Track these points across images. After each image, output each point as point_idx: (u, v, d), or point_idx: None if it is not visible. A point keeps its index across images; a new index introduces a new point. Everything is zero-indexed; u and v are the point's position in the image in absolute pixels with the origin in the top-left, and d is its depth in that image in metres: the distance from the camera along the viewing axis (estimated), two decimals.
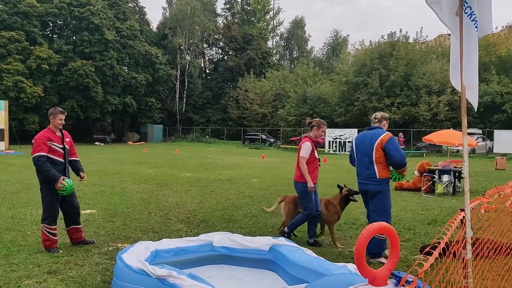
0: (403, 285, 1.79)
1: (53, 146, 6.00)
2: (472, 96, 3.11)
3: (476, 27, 3.00)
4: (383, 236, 5.74)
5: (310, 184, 6.55)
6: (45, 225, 5.99)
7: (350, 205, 10.27)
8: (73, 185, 6.12)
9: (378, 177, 5.82)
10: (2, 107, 32.14)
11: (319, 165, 6.91)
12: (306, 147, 6.70)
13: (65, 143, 6.18)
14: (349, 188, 6.98)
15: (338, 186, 7.20)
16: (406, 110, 36.73)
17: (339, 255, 6.09)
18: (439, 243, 2.12)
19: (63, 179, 5.97)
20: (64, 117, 6.21)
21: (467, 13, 2.98)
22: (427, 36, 46.36)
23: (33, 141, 6.03)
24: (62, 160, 6.09)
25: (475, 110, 3.73)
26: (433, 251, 2.00)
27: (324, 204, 6.93)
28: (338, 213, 6.92)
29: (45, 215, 6.05)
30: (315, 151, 6.77)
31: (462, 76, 3.00)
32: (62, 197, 6.14)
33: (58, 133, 6.16)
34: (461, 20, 2.94)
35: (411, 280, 1.66)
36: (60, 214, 6.25)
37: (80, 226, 6.44)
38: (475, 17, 2.98)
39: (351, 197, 6.89)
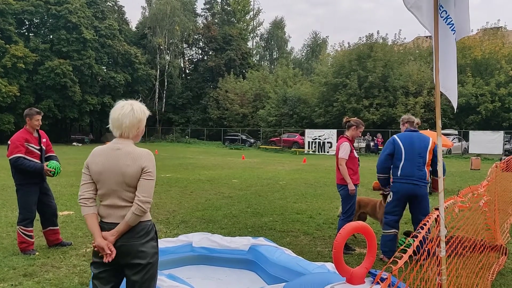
0: (378, 282, 1.82)
1: (30, 148, 5.92)
2: (451, 97, 3.18)
3: (452, 30, 3.08)
4: (392, 231, 5.88)
5: (351, 186, 6.19)
6: (21, 227, 5.90)
7: (329, 205, 10.38)
8: (59, 165, 6.13)
9: (427, 179, 5.85)
10: None
11: (359, 165, 6.57)
12: (344, 148, 6.34)
13: (42, 144, 6.10)
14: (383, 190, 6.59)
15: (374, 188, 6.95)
16: (384, 111, 37.16)
17: (318, 254, 6.14)
18: (413, 241, 2.17)
19: (46, 165, 5.98)
20: (40, 118, 6.12)
21: (442, 16, 3.06)
22: (405, 38, 47.17)
23: (9, 142, 5.92)
24: (39, 162, 6.01)
25: (455, 111, 3.82)
26: (407, 249, 2.05)
27: (379, 204, 6.73)
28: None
29: (21, 217, 5.96)
30: (354, 151, 6.46)
31: (437, 77, 3.07)
32: (39, 198, 6.06)
33: (35, 134, 6.07)
34: (436, 24, 3.02)
35: (385, 277, 1.70)
36: (37, 215, 6.16)
37: (57, 227, 6.36)
38: (451, 20, 3.06)
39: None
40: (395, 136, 6.04)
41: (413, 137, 5.92)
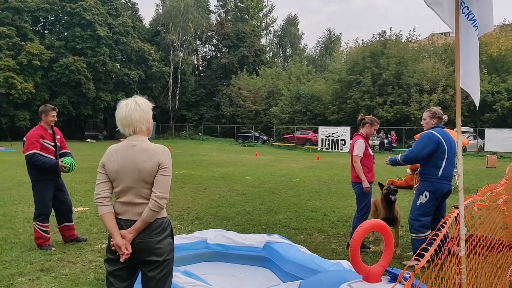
0: (400, 282, 1.79)
1: (45, 144, 5.97)
2: (473, 94, 3.13)
3: (475, 26, 3.03)
4: (429, 232, 5.55)
5: (366, 184, 6.13)
6: (38, 222, 5.96)
7: (343, 203, 10.32)
8: (73, 161, 6.16)
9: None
10: None
11: (374, 163, 6.51)
12: (359, 145, 6.27)
13: (56, 140, 6.15)
14: (388, 186, 6.47)
15: (380, 184, 6.68)
16: (398, 108, 36.88)
17: (332, 252, 6.11)
18: (434, 239, 2.14)
19: (61, 161, 6.01)
20: (55, 114, 6.16)
21: (464, 13, 3.00)
22: (419, 35, 46.66)
23: (24, 138, 5.98)
24: (54, 158, 6.05)
25: (477, 108, 3.74)
26: (429, 248, 2.02)
27: (372, 203, 6.59)
28: (382, 213, 6.43)
29: (37, 213, 6.02)
30: (369, 148, 6.41)
31: (457, 74, 3.02)
32: (54, 194, 6.11)
33: (50, 131, 6.12)
34: (457, 20, 2.96)
35: (408, 276, 1.67)
36: (52, 211, 6.22)
37: (73, 223, 6.41)
38: (473, 16, 3.00)
39: (390, 196, 6.36)
40: (436, 133, 5.62)
41: (447, 135, 5.68)
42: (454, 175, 12.40)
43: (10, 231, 6.89)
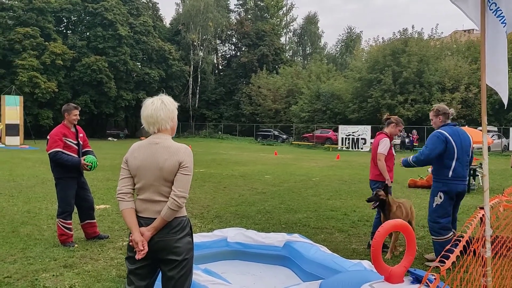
0: (425, 284, 1.76)
1: (68, 142, 6.05)
2: (501, 92, 3.06)
3: (503, 22, 2.96)
4: (451, 234, 5.44)
5: (389, 183, 6.08)
6: (61, 219, 6.05)
7: (364, 202, 10.22)
8: (95, 160, 6.23)
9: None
10: (17, 103, 32.53)
11: (394, 163, 6.43)
12: (384, 143, 6.20)
13: (79, 139, 6.24)
14: (374, 193, 6.08)
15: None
16: (419, 107, 36.37)
17: (353, 252, 6.06)
18: (459, 240, 2.10)
19: (83, 159, 6.09)
20: (78, 113, 6.24)
21: (492, 9, 2.94)
22: (442, 32, 45.85)
23: (48, 137, 6.08)
24: (76, 156, 6.14)
25: (505, 106, 3.64)
26: (454, 249, 1.98)
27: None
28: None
29: (60, 210, 6.11)
30: (392, 148, 6.38)
31: (483, 72, 2.96)
32: (76, 192, 6.19)
33: (73, 129, 6.21)
34: (483, 17, 2.91)
35: (433, 278, 1.64)
36: (75, 209, 6.31)
37: (95, 221, 6.49)
38: (502, 12, 2.94)
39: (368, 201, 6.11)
40: (444, 132, 5.43)
41: (459, 133, 5.48)
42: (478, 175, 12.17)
43: (35, 228, 7.02)
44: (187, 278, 2.92)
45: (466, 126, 22.70)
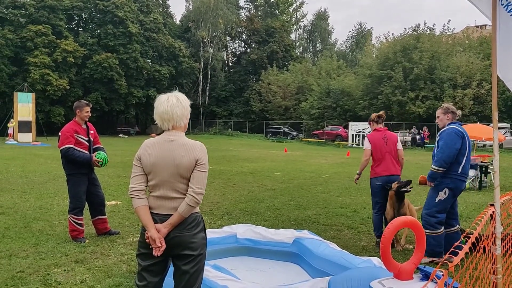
0: (433, 280, 1.76)
1: (79, 139, 6.11)
2: None
3: None
4: (442, 229, 5.52)
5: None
6: (72, 215, 6.11)
7: None
8: (106, 156, 6.28)
9: None
10: (30, 100, 32.83)
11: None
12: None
13: (90, 135, 6.29)
14: (399, 182, 6.25)
15: (386, 185, 6.40)
16: (430, 103, 36.03)
17: (363, 249, 6.05)
18: (468, 237, 2.09)
19: (94, 156, 6.15)
20: (89, 110, 6.30)
21: (503, 4, 2.91)
22: (454, 28, 45.48)
23: (59, 133, 6.13)
24: (87, 152, 6.19)
25: None
26: (463, 246, 1.97)
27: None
28: (390, 213, 6.24)
29: (71, 206, 6.16)
30: None
31: (494, 67, 2.93)
32: (87, 188, 6.25)
33: (84, 126, 6.26)
34: (494, 12, 2.88)
35: (441, 274, 1.64)
36: (86, 205, 6.36)
37: (106, 217, 6.54)
38: None
39: (403, 189, 6.15)
40: (459, 129, 5.46)
41: (465, 132, 5.53)
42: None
43: (46, 223, 7.09)
44: (200, 272, 2.95)
45: (478, 123, 22.51)
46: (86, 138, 6.22)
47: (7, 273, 4.73)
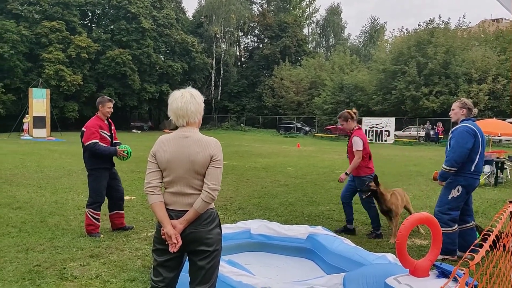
0: (454, 279, 1.73)
1: (103, 134, 6.19)
2: None
3: None
4: (457, 227, 5.46)
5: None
6: (91, 210, 6.15)
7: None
8: (130, 149, 6.36)
9: None
10: (44, 95, 33.15)
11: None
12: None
13: (112, 131, 6.36)
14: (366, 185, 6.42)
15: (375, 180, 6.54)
16: (444, 99, 35.67)
17: (377, 245, 6.02)
18: (488, 235, 2.06)
19: (118, 148, 6.23)
20: (112, 105, 6.36)
21: None
22: (469, 22, 44.79)
23: (84, 128, 6.18)
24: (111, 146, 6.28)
25: None
26: (484, 243, 1.94)
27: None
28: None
29: (91, 200, 6.21)
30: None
31: None
32: (108, 183, 6.30)
33: (106, 121, 6.33)
34: None
35: (462, 273, 1.61)
36: (105, 200, 6.40)
37: (123, 212, 6.59)
38: None
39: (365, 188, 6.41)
40: (472, 127, 5.37)
41: (480, 129, 5.47)
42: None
43: (62, 218, 7.16)
44: (216, 268, 2.95)
45: (494, 118, 22.20)
46: (109, 134, 6.30)
47: (25, 267, 4.79)
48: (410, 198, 9.68)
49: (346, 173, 6.63)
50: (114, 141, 6.44)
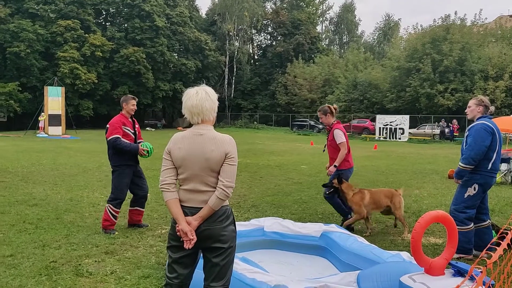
0: (471, 278, 1.72)
1: (126, 131, 6.27)
2: None
3: None
4: (472, 226, 5.40)
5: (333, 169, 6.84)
6: (111, 206, 6.21)
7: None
8: (151, 146, 6.44)
9: None
10: (59, 94, 33.53)
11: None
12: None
13: (135, 129, 6.43)
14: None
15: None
16: (460, 96, 35.22)
17: (391, 243, 5.98)
18: (506, 234, 2.03)
19: (140, 145, 6.32)
20: (135, 103, 6.47)
21: None
22: (486, 18, 43.85)
23: (108, 125, 6.28)
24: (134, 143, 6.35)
25: None
26: (501, 242, 1.92)
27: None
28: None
29: (112, 197, 6.27)
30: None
31: None
32: (133, 180, 6.38)
33: (130, 119, 6.40)
34: None
35: (480, 271, 1.60)
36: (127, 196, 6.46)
37: (143, 210, 6.63)
38: None
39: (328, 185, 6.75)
40: (490, 124, 5.29)
41: (496, 126, 5.37)
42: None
43: (77, 215, 7.24)
44: (230, 265, 2.97)
45: (511, 115, 21.91)
46: (133, 131, 6.39)
47: (41, 263, 4.86)
48: (425, 196, 9.64)
49: (335, 165, 6.72)
50: (138, 140, 6.51)
